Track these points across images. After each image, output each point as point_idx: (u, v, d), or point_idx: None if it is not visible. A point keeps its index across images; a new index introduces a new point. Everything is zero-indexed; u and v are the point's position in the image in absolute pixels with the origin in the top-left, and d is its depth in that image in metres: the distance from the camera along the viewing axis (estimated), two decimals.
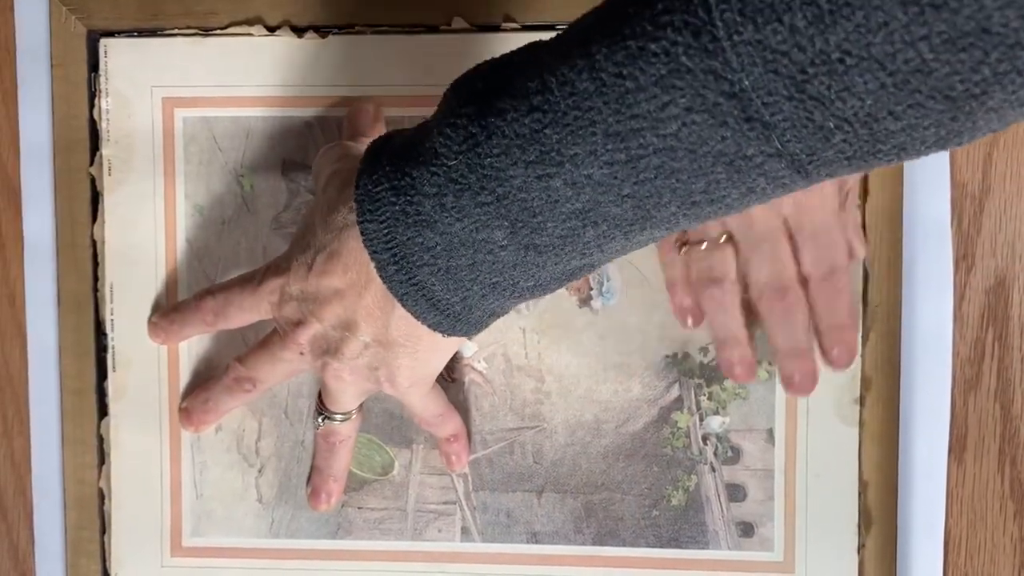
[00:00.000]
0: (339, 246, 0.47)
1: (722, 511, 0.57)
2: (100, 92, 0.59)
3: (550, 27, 0.57)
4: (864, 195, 0.56)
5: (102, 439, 0.59)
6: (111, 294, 0.59)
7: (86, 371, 0.59)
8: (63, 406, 0.60)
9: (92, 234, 0.59)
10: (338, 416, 0.55)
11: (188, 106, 0.58)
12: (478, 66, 0.43)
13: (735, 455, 0.57)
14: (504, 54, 0.43)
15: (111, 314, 0.59)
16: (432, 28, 0.57)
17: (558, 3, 0.56)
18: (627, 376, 0.57)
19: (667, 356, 0.57)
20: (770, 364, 0.56)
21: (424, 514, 0.59)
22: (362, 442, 0.59)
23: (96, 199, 0.59)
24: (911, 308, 0.56)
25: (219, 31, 0.58)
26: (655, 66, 0.35)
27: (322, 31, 0.57)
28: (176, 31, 0.58)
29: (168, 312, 0.58)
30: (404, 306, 0.46)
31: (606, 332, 0.57)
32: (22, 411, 0.61)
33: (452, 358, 0.58)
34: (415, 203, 0.42)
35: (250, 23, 0.58)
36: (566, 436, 0.58)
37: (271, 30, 0.57)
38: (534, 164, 0.39)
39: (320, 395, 0.55)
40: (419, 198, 0.42)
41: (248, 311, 0.53)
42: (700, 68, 0.35)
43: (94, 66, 0.59)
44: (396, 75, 0.57)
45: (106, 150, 0.59)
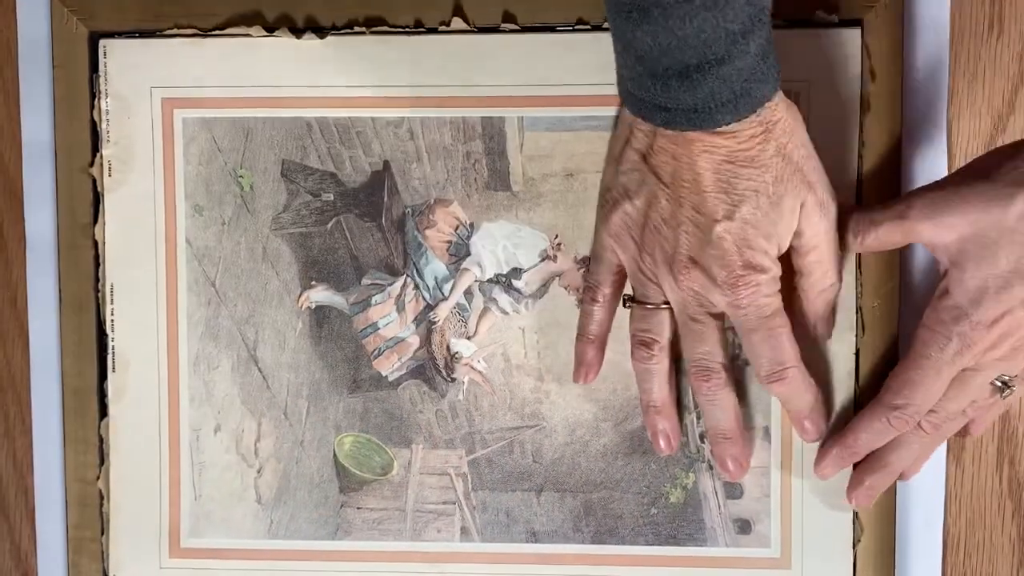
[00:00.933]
0: None
1: (720, 508, 0.57)
2: (100, 93, 0.59)
3: (550, 28, 0.57)
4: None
5: (102, 439, 0.60)
6: (112, 295, 0.59)
7: (87, 371, 0.60)
8: (64, 406, 0.60)
9: (93, 235, 0.59)
10: None
11: (188, 107, 0.59)
12: None
13: None
14: None
15: (111, 315, 0.59)
16: (431, 29, 0.57)
17: (558, 4, 0.57)
18: (625, 375, 0.57)
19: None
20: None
21: (423, 514, 0.59)
22: (361, 442, 0.59)
23: (97, 200, 0.59)
24: (911, 308, 0.56)
25: (218, 32, 0.58)
26: None
27: (321, 32, 0.58)
28: (175, 32, 0.58)
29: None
30: None
31: None
32: (24, 411, 0.62)
33: (452, 358, 0.59)
34: None
35: (248, 24, 0.58)
36: (565, 435, 0.58)
37: (269, 31, 0.58)
38: None
39: None
40: None
41: None
42: None
43: (95, 67, 0.59)
44: (395, 76, 0.57)
45: (106, 151, 0.59)
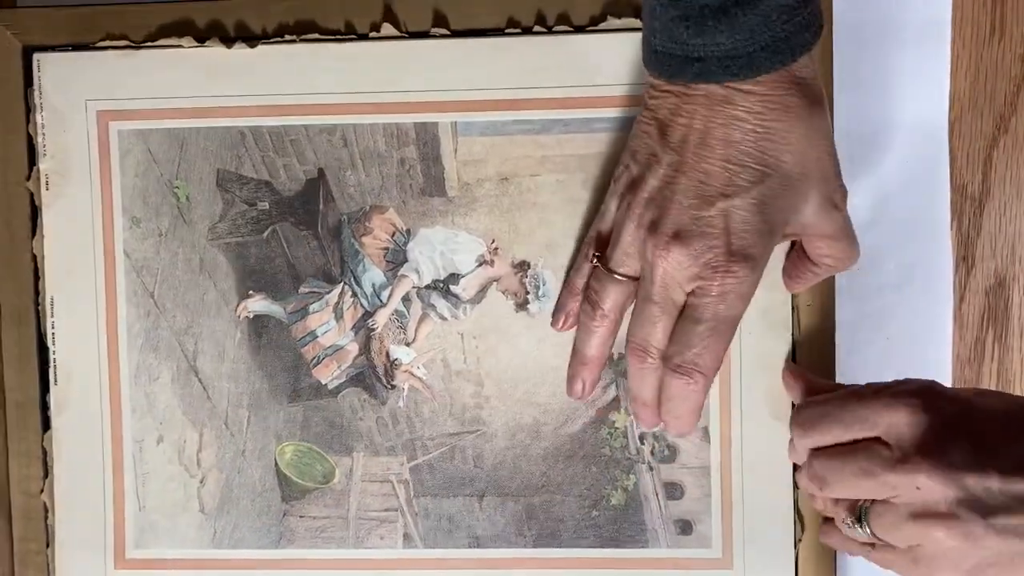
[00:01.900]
0: None
1: (660, 509, 0.57)
2: (35, 107, 0.59)
3: (481, 33, 0.57)
4: None
5: (45, 452, 0.60)
6: (52, 307, 0.59)
7: (29, 384, 0.59)
8: (7, 419, 0.60)
9: (32, 248, 0.59)
10: None
11: (122, 119, 0.59)
12: None
13: (671, 453, 0.57)
14: None
15: (52, 327, 0.59)
16: (362, 36, 0.57)
17: (487, 8, 0.57)
18: (564, 378, 0.57)
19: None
20: None
21: (366, 522, 0.59)
22: (302, 451, 0.59)
23: (35, 213, 0.59)
24: (913, 308, 0.57)
25: (150, 44, 0.58)
26: None
27: (251, 41, 0.57)
28: (108, 44, 0.58)
29: None
30: None
31: (543, 335, 0.58)
32: None
33: (391, 364, 0.59)
34: None
35: (180, 34, 0.58)
36: (506, 439, 0.58)
37: (201, 40, 0.58)
38: None
39: None
40: None
41: None
42: None
43: (29, 81, 0.59)
44: (326, 83, 0.57)
45: (43, 164, 0.59)
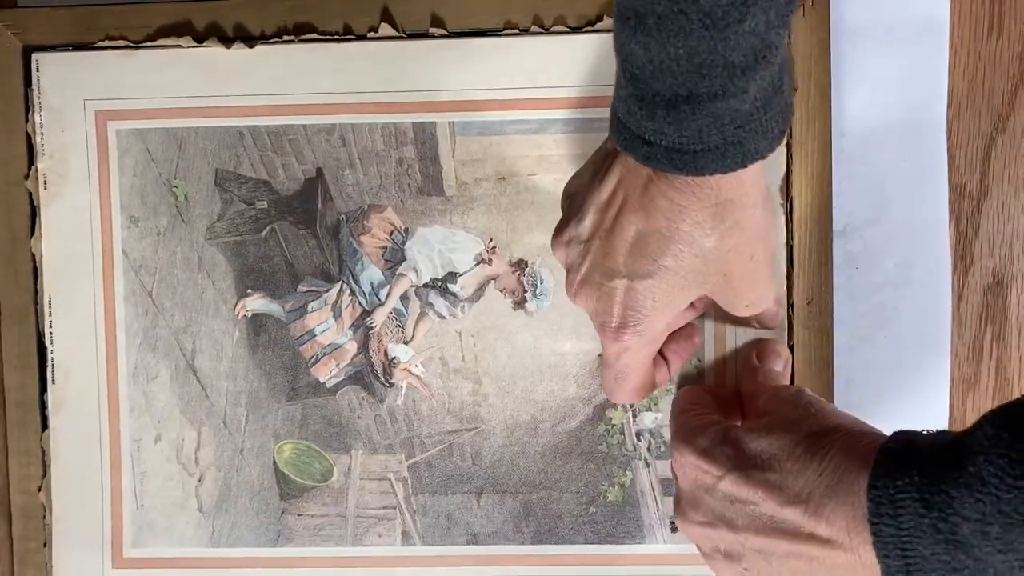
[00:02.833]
0: (840, 515, 0.44)
1: (657, 506, 0.57)
2: (35, 106, 0.59)
3: (480, 33, 0.57)
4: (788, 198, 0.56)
5: (44, 451, 0.60)
6: (50, 307, 0.59)
7: (28, 383, 0.60)
8: (7, 419, 0.60)
9: (31, 247, 0.59)
10: None
11: (121, 119, 0.59)
12: None
13: (668, 450, 0.57)
14: None
15: (50, 327, 0.59)
16: (360, 36, 0.58)
17: (485, 9, 0.57)
18: (562, 376, 0.58)
19: (600, 355, 0.58)
20: (698, 360, 0.56)
21: (364, 519, 0.59)
22: (301, 449, 0.59)
23: (34, 213, 0.59)
24: (911, 306, 0.57)
25: (149, 44, 0.58)
26: None
27: (250, 41, 0.58)
28: (107, 44, 0.58)
29: None
30: None
31: (541, 333, 0.58)
32: None
33: (389, 363, 0.59)
34: (951, 523, 0.41)
35: (179, 34, 0.58)
36: (504, 437, 0.58)
37: (199, 41, 0.58)
38: None
39: None
40: (956, 519, 0.41)
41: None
42: None
43: (29, 81, 0.59)
44: (325, 83, 0.58)
45: (42, 164, 0.59)
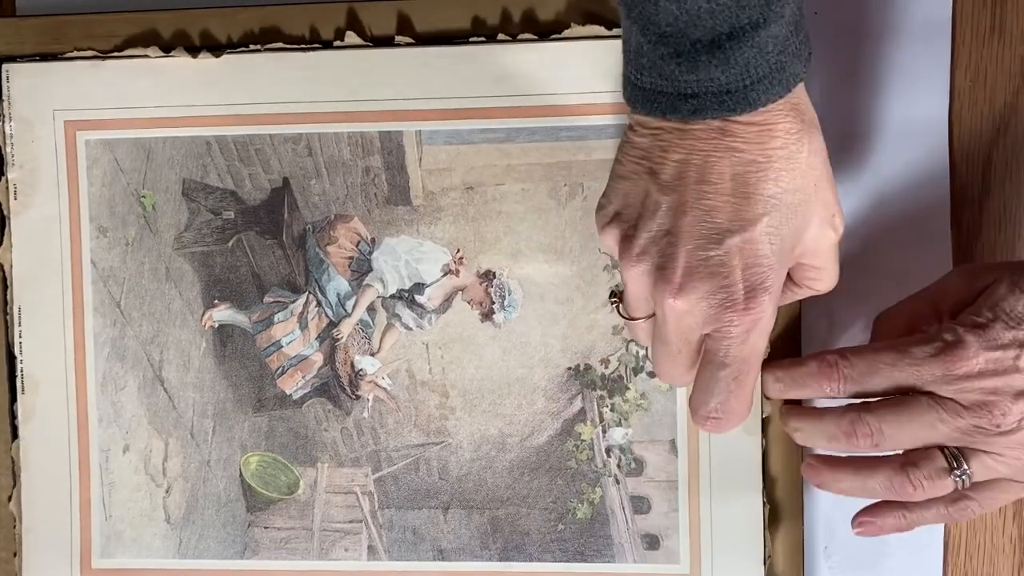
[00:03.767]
0: None
1: (627, 524, 0.56)
2: (4, 117, 0.59)
3: (446, 39, 0.56)
4: None
5: (14, 461, 0.59)
6: (19, 317, 0.59)
7: None
8: None
9: (0, 257, 0.59)
10: None
11: (90, 129, 0.59)
12: None
13: (639, 467, 0.56)
14: None
15: (20, 336, 0.59)
16: (326, 43, 0.57)
17: (452, 5, 0.56)
18: (530, 389, 0.57)
19: (569, 368, 0.57)
20: None
21: (330, 533, 0.58)
22: (267, 461, 0.59)
23: (3, 223, 0.59)
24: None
25: (116, 54, 0.58)
26: None
27: (216, 50, 0.57)
28: (75, 54, 0.58)
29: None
30: None
31: (509, 346, 0.57)
32: None
33: (356, 375, 0.58)
34: None
35: (146, 44, 0.57)
36: (471, 451, 0.58)
37: (167, 50, 0.57)
38: None
39: None
40: None
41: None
42: None
43: None
44: (291, 92, 0.57)
45: (11, 174, 0.59)
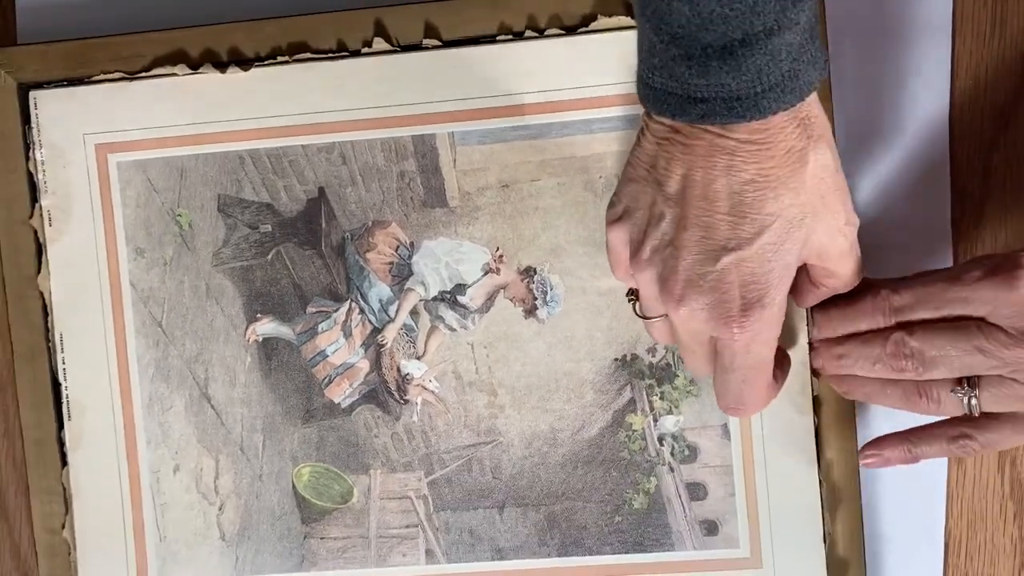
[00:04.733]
0: None
1: (684, 511, 0.56)
2: (34, 144, 0.59)
3: (473, 41, 0.56)
4: None
5: (65, 488, 0.59)
6: (62, 343, 0.59)
7: (45, 421, 0.59)
8: (27, 458, 0.59)
9: (39, 285, 0.59)
10: None
11: (121, 151, 0.59)
12: None
13: (692, 453, 0.56)
14: None
15: (63, 363, 0.59)
16: (354, 52, 0.57)
17: (478, 13, 0.56)
18: (578, 383, 0.57)
19: (616, 359, 0.57)
20: None
21: (387, 539, 0.58)
22: (319, 472, 0.59)
23: (40, 250, 0.59)
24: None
25: (144, 74, 0.58)
26: None
27: (244, 64, 0.57)
28: (103, 77, 0.58)
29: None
30: None
31: (554, 341, 0.57)
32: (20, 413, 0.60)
33: (403, 379, 0.58)
34: None
35: (174, 62, 0.58)
36: (523, 448, 0.58)
37: (194, 68, 0.57)
38: None
39: None
40: None
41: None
42: None
43: (27, 119, 0.59)
44: (322, 102, 0.57)
45: (45, 201, 0.59)
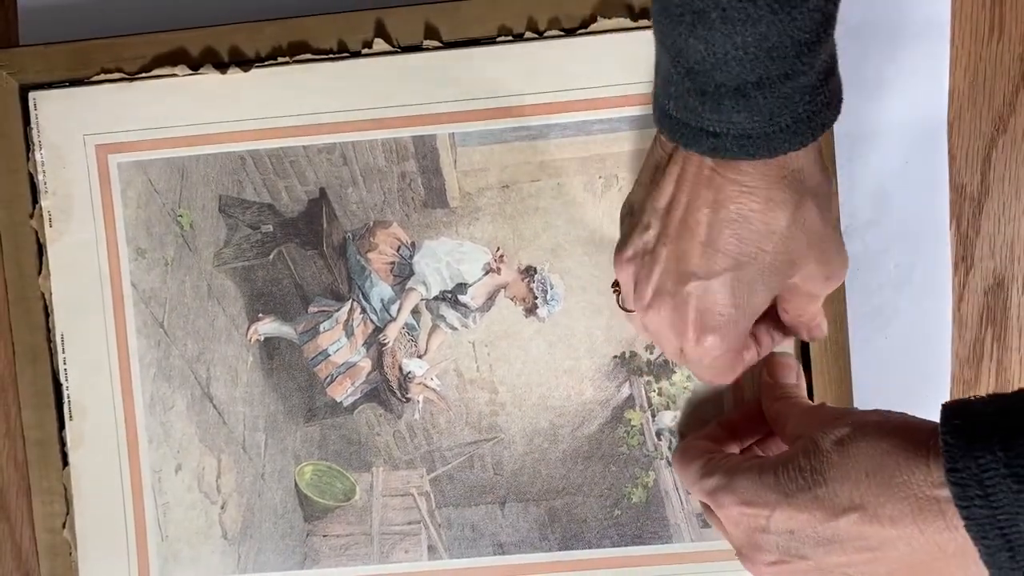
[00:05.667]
0: (902, 511, 0.43)
1: (682, 504, 0.57)
2: (34, 145, 0.59)
3: (473, 42, 0.57)
4: None
5: (66, 488, 0.60)
6: (63, 344, 0.59)
7: (46, 422, 0.60)
8: (28, 458, 0.60)
9: (40, 286, 0.59)
10: None
11: (122, 151, 0.59)
12: None
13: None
14: None
15: (64, 364, 0.59)
16: (355, 53, 0.57)
17: (478, 15, 0.57)
18: (578, 380, 0.58)
19: (615, 357, 0.57)
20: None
21: (389, 536, 0.59)
22: (321, 470, 0.59)
23: (41, 251, 0.59)
24: (912, 307, 0.56)
25: (144, 75, 0.58)
26: None
27: (245, 65, 0.58)
28: (103, 77, 0.58)
29: None
30: None
31: (554, 339, 0.58)
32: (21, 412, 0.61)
33: (405, 378, 0.59)
34: None
35: (174, 63, 0.58)
36: (524, 445, 0.58)
37: (194, 68, 0.58)
38: None
39: None
40: None
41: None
42: None
43: (27, 119, 0.59)
44: (322, 102, 0.57)
45: (45, 202, 0.59)
